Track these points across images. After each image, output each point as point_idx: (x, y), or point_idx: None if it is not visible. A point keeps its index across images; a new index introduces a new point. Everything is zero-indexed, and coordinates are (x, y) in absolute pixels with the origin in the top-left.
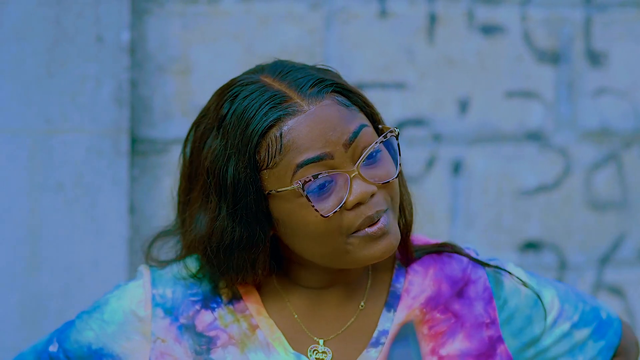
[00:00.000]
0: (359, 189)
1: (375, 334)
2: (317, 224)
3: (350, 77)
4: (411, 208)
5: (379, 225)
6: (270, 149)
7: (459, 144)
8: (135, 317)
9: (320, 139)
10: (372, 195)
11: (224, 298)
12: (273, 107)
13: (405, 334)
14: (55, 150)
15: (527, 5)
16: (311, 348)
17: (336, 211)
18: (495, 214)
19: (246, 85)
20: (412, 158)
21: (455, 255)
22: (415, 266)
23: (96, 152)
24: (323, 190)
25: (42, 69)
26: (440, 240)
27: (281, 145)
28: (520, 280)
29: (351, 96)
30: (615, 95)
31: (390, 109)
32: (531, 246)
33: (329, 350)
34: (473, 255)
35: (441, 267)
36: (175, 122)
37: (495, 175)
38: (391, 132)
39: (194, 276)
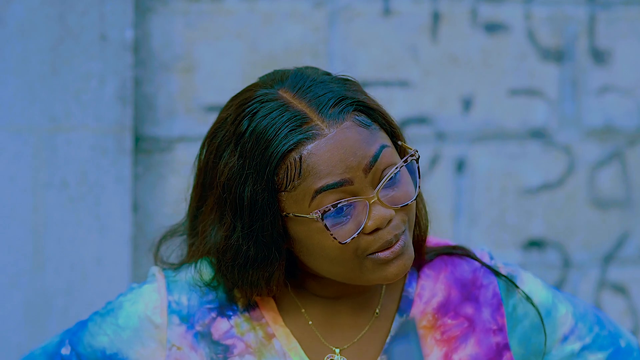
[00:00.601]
0: (377, 214)
1: (388, 340)
2: (334, 249)
3: (354, 75)
4: (427, 224)
5: (394, 249)
6: (289, 173)
7: (462, 142)
8: (151, 324)
9: (340, 164)
10: (390, 219)
11: (240, 306)
12: (293, 129)
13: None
14: (59, 148)
15: (531, 3)
16: (328, 357)
17: (354, 237)
18: (498, 212)
19: (265, 102)
20: None
21: (464, 258)
22: (427, 270)
23: (100, 150)
24: (341, 214)
25: (46, 67)
26: (451, 242)
27: (300, 169)
28: (526, 296)
29: (372, 113)
30: (620, 93)
31: (393, 107)
32: (535, 244)
33: (345, 359)
34: (487, 259)
35: (452, 270)
36: (179, 120)
37: (499, 174)
38: (412, 155)
39: (208, 284)
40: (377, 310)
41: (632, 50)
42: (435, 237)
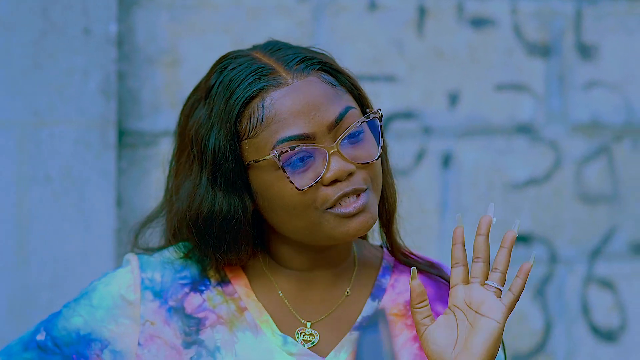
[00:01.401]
0: (336, 165)
1: (359, 319)
2: (293, 197)
3: None
4: (394, 197)
5: (355, 204)
6: (252, 119)
7: (449, 137)
8: (125, 301)
9: (304, 117)
10: (351, 174)
11: (213, 281)
12: (258, 78)
13: (375, 320)
14: (43, 142)
15: None
16: (298, 330)
17: (312, 185)
18: (485, 207)
19: (236, 58)
20: (401, 151)
21: (439, 262)
22: (402, 266)
23: (84, 145)
24: (301, 163)
25: (30, 61)
26: (431, 259)
27: (263, 115)
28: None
29: (339, 77)
30: (606, 88)
31: (380, 101)
32: (522, 240)
33: (316, 332)
34: None
35: (427, 271)
36: (163, 115)
37: (486, 169)
38: (374, 113)
39: (183, 257)
40: (348, 290)
41: (619, 45)
42: (417, 252)
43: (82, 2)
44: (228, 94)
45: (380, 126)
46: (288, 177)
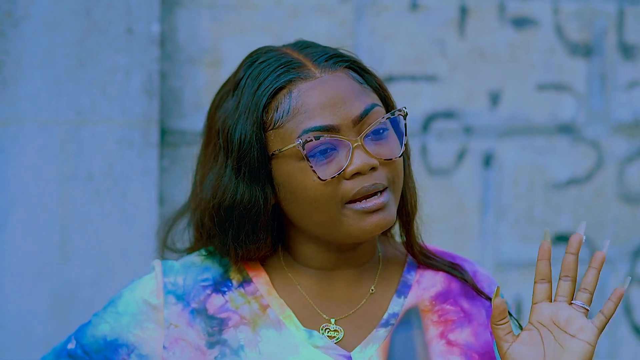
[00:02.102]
0: (359, 159)
1: (385, 316)
2: (315, 188)
3: (381, 69)
4: (415, 199)
5: (375, 200)
6: (278, 109)
7: (490, 136)
8: (149, 306)
9: (330, 109)
10: (373, 169)
11: (235, 282)
12: (287, 70)
13: (409, 318)
14: (85, 141)
15: None
16: (323, 326)
17: (334, 177)
18: (526, 206)
19: (265, 52)
20: (443, 151)
21: (466, 258)
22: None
23: (126, 143)
24: (324, 156)
25: (73, 60)
26: (452, 255)
27: (290, 107)
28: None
29: (366, 76)
30: None
31: (420, 101)
32: (563, 239)
33: (341, 328)
34: (485, 282)
35: (450, 272)
36: (205, 114)
37: (527, 168)
38: (399, 111)
39: (206, 255)
40: (373, 288)
41: None
42: (440, 248)
43: (125, 1)
44: (256, 86)
45: (405, 124)
46: (312, 167)
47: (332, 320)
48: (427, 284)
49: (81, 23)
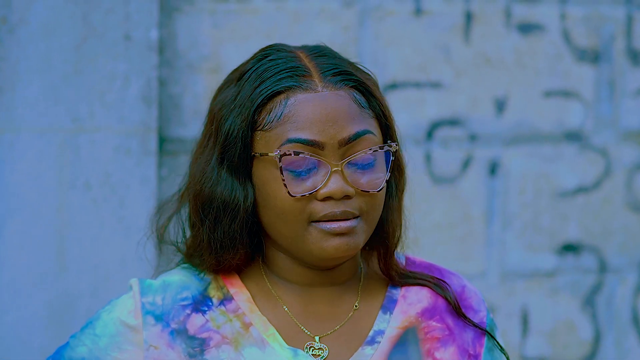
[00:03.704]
0: (335, 184)
1: (371, 333)
2: (284, 201)
3: (385, 75)
4: (395, 235)
5: (341, 223)
6: (271, 113)
7: (495, 144)
8: (127, 327)
9: (319, 125)
10: (347, 196)
11: (215, 300)
12: (290, 76)
13: (406, 339)
14: (82, 149)
15: (567, 3)
16: (307, 345)
17: (305, 195)
18: (533, 215)
19: (279, 50)
20: (447, 159)
21: (454, 272)
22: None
23: (124, 151)
24: (303, 172)
25: (70, 67)
26: (432, 267)
27: (282, 113)
28: (502, 349)
29: (371, 100)
30: None
31: (425, 108)
32: (570, 248)
33: (325, 346)
34: (473, 298)
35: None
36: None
37: (533, 176)
38: (389, 146)
39: (184, 271)
40: (357, 304)
41: None
42: (422, 259)
43: (123, 7)
44: (258, 82)
45: (392, 161)
46: (283, 180)
47: (317, 338)
48: (413, 299)
49: (78, 29)
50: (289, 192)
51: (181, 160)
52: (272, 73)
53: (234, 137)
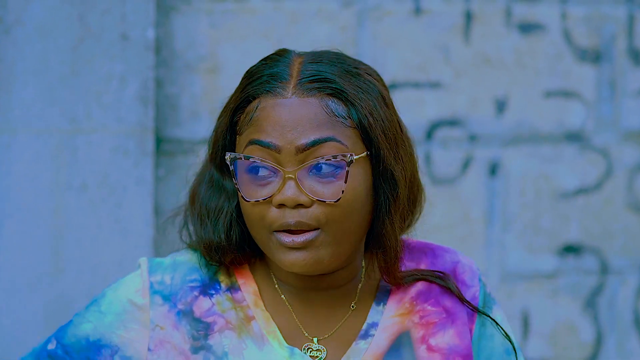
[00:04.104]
0: (289, 191)
1: (364, 327)
2: (246, 206)
3: (384, 76)
4: (396, 248)
5: (295, 239)
6: (246, 117)
7: (495, 144)
8: (134, 306)
9: (279, 130)
10: (303, 206)
11: (223, 285)
12: (268, 81)
13: (399, 344)
14: (79, 150)
15: (567, 2)
16: (305, 346)
17: (259, 201)
18: (533, 216)
19: (279, 55)
20: (447, 159)
21: (448, 248)
22: (407, 262)
23: (121, 152)
24: (261, 177)
25: (67, 68)
26: (435, 245)
27: (252, 117)
28: (503, 331)
29: (351, 109)
30: None
31: (424, 108)
32: (571, 250)
33: (323, 348)
34: (467, 273)
35: (432, 262)
36: (202, 122)
37: (534, 177)
38: (344, 156)
39: (195, 254)
40: (353, 304)
41: None
42: (425, 241)
43: (120, 7)
44: (244, 85)
45: (347, 172)
46: (236, 184)
47: (315, 340)
48: (407, 285)
49: (75, 29)
50: (243, 197)
51: (178, 160)
52: (256, 77)
53: (217, 138)
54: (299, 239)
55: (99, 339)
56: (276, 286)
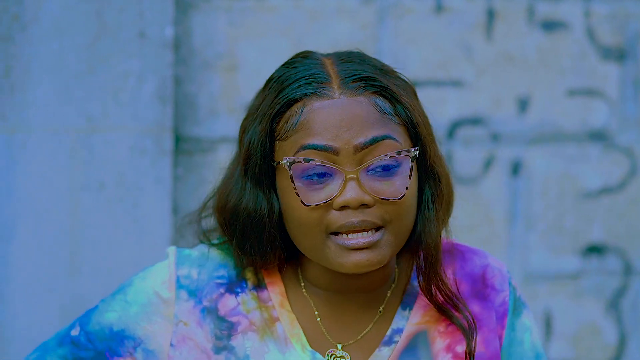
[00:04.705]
0: (351, 192)
1: (388, 332)
2: (300, 212)
3: (405, 74)
4: (435, 246)
5: (359, 239)
6: (289, 121)
7: (518, 143)
8: (159, 299)
9: (334, 131)
10: (365, 205)
11: (249, 283)
12: (308, 83)
13: (415, 343)
14: (96, 148)
15: (591, 0)
16: (329, 352)
17: (320, 204)
18: (556, 216)
19: (305, 57)
20: (469, 158)
21: (477, 250)
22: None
23: (139, 151)
24: (318, 180)
25: (83, 66)
26: (465, 248)
27: (298, 121)
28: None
29: (397, 106)
30: None
31: (446, 107)
32: (594, 250)
33: (347, 354)
34: (505, 272)
35: (462, 265)
36: (220, 120)
37: (557, 177)
38: (407, 152)
39: (224, 250)
40: (381, 309)
41: None
42: (466, 245)
43: (138, 5)
44: (278, 91)
45: (411, 167)
46: (295, 189)
47: (339, 346)
48: (434, 290)
49: (92, 27)
50: (302, 202)
51: (197, 159)
52: (291, 81)
53: (254, 147)
54: (365, 239)
55: (122, 329)
56: (303, 290)
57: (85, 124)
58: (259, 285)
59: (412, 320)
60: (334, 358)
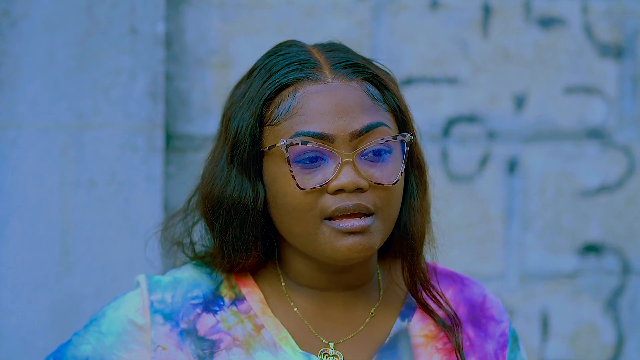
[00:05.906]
0: (347, 176)
1: (387, 340)
2: (294, 196)
3: (400, 71)
4: (421, 235)
5: (353, 223)
6: (280, 106)
7: (514, 141)
8: (134, 326)
9: (330, 117)
10: (360, 189)
11: (227, 300)
12: (299, 68)
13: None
14: (87, 146)
15: None
16: (322, 351)
17: (315, 188)
18: (553, 215)
19: (289, 46)
20: (465, 156)
21: (475, 281)
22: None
23: (130, 148)
24: (312, 164)
25: (74, 62)
26: (465, 277)
27: (290, 105)
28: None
29: (386, 93)
30: None
31: (441, 104)
32: (592, 249)
33: (340, 354)
34: (495, 308)
35: (461, 289)
36: (213, 118)
37: (554, 175)
38: (403, 136)
39: (194, 268)
40: (373, 310)
41: None
42: (447, 268)
43: (129, 0)
44: (267, 77)
45: (406, 152)
46: (291, 172)
47: (331, 345)
48: (433, 307)
49: (82, 23)
50: (298, 185)
51: (189, 157)
52: (280, 67)
53: (242, 133)
54: (359, 223)
55: None
56: (285, 292)
57: (76, 120)
58: (237, 299)
59: (411, 332)
60: (327, 357)
